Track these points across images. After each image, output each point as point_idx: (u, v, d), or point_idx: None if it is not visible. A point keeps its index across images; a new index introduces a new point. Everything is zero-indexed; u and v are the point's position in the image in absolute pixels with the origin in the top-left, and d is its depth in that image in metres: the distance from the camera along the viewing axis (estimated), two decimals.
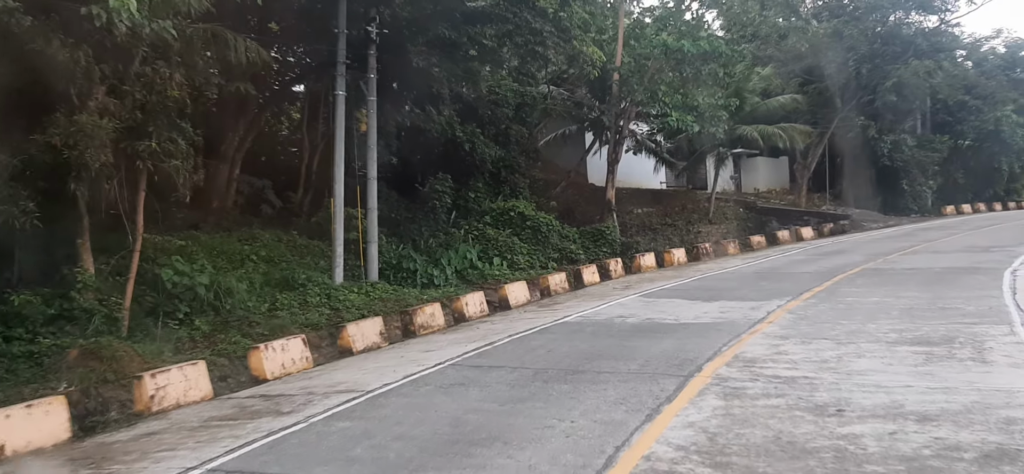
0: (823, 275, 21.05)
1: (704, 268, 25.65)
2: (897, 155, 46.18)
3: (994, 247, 25.41)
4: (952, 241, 28.55)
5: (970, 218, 42.71)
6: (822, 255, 27.00)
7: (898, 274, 20.52)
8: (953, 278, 19.01)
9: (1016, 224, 34.82)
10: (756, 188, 47.52)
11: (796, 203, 43.59)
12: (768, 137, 36.96)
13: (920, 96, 45.75)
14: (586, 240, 30.49)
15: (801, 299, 16.94)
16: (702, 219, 38.11)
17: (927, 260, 23.35)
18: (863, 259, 24.65)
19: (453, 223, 27.70)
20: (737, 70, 36.83)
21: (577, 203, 36.74)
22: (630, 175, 40.46)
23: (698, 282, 21.63)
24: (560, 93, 36.43)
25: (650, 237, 34.99)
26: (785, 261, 25.87)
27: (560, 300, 20.11)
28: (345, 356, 14.24)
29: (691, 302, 17.47)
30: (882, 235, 34.03)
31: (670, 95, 30.57)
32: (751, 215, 40.26)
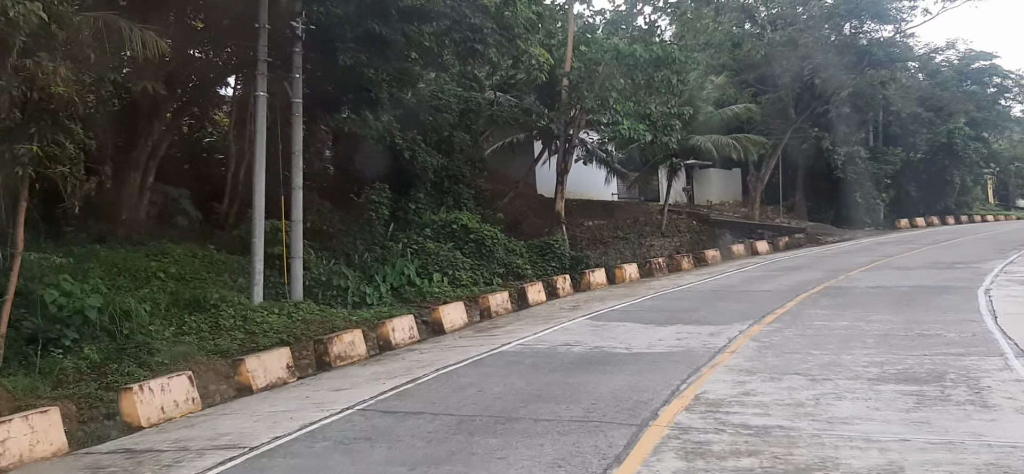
0: (784, 294, 19.56)
1: (657, 285, 24.06)
2: (850, 167, 45.40)
3: (959, 263, 24.26)
4: (913, 257, 27.41)
5: (925, 232, 41.96)
6: (780, 271, 25.61)
7: (864, 294, 19.10)
8: (924, 299, 17.63)
9: (975, 239, 33.96)
10: (709, 200, 46.36)
11: (749, 216, 42.45)
12: (722, 147, 35.71)
13: (874, 107, 45.07)
14: (534, 254, 28.88)
15: (764, 323, 15.34)
16: (655, 232, 36.72)
17: (892, 278, 22.05)
18: (824, 276, 23.28)
19: (391, 236, 25.86)
20: (691, 78, 35.58)
21: (525, 215, 35.08)
22: (581, 186, 38.94)
23: (652, 302, 19.98)
24: (507, 100, 34.77)
25: (601, 251, 33.44)
26: (742, 278, 24.40)
27: (501, 323, 18.26)
28: (243, 395, 12.19)
29: (644, 327, 15.77)
30: (839, 249, 32.89)
31: (621, 103, 29.11)
32: (704, 228, 38.99)
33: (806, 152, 45.71)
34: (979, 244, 30.67)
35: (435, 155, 28.97)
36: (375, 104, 28.11)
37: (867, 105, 43.94)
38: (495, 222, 31.66)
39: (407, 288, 23.59)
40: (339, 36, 19.93)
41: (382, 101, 28.55)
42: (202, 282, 18.84)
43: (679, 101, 32.59)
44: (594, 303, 20.41)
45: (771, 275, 24.60)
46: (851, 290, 19.88)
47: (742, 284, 22.67)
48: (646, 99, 30.12)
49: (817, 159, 45.73)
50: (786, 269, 26.07)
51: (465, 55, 21.77)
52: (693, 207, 43.96)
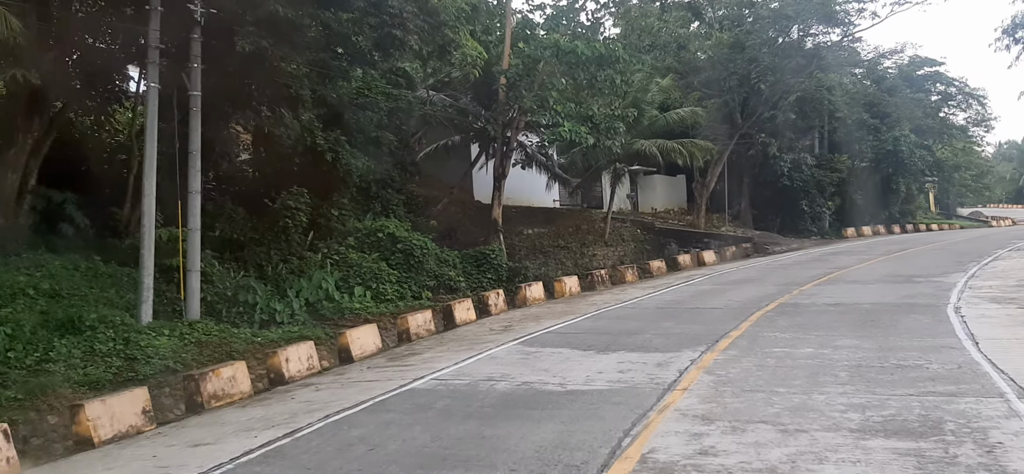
0: (737, 312, 17.72)
1: (599, 301, 22.08)
2: (797, 175, 44.26)
3: (917, 277, 22.79)
4: (868, 269, 25.94)
5: (874, 242, 40.89)
6: (730, 285, 23.87)
7: (823, 312, 17.35)
8: (890, 319, 15.91)
9: (927, 249, 32.81)
10: (654, 208, 44.73)
11: (695, 224, 40.90)
12: (667, 153, 34.01)
13: (821, 113, 43.96)
14: (468, 265, 26.77)
15: (718, 350, 13.38)
16: (597, 241, 34.84)
17: (849, 293, 20.40)
18: (776, 290, 21.57)
19: (310, 246, 23.46)
20: (635, 79, 33.87)
21: (461, 222, 32.90)
22: (520, 192, 36.95)
23: (592, 321, 17.94)
24: (442, 99, 32.55)
25: (540, 261, 31.40)
26: (690, 292, 22.56)
27: (420, 348, 16.02)
28: (82, 449, 9.74)
29: (582, 354, 13.69)
30: (789, 260, 31.39)
31: (562, 103, 27.18)
32: (649, 237, 37.28)
33: (752, 159, 44.44)
34: (933, 255, 29.43)
35: (361, 157, 26.60)
36: (296, 102, 25.81)
37: (814, 111, 42.81)
38: (428, 230, 29.52)
39: (324, 304, 21.29)
40: (238, 18, 17.51)
41: (304, 99, 26.24)
42: (81, 299, 16.25)
43: (623, 103, 30.84)
44: (529, 323, 18.29)
45: (721, 289, 22.82)
46: (808, 307, 18.12)
47: (691, 300, 20.80)
48: (588, 100, 28.30)
49: (763, 166, 44.50)
50: (736, 282, 24.35)
51: (384, 43, 19.50)
52: (638, 215, 42.28)
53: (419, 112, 30.23)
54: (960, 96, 54.82)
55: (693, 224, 41.15)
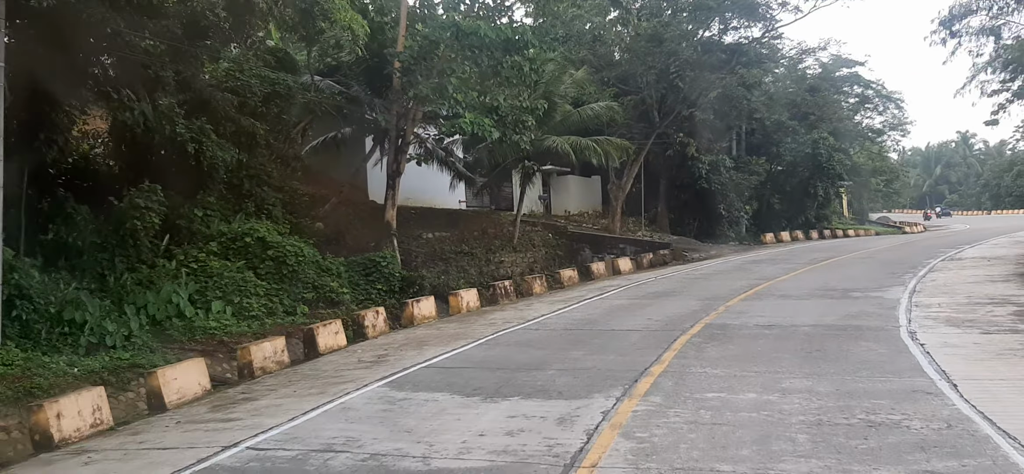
0: (658, 336, 14.90)
1: (500, 318, 19.00)
2: (715, 177, 42.25)
3: (853, 291, 20.47)
4: (796, 280, 23.59)
5: (795, 248, 39.04)
6: (648, 298, 21.14)
7: (758, 337, 14.65)
8: (839, 347, 13.28)
9: (853, 258, 30.86)
10: (567, 210, 42.05)
11: (610, 228, 38.34)
12: (581, 151, 31.22)
13: (740, 113, 42.01)
14: (356, 274, 23.49)
15: (637, 394, 10.43)
16: (505, 246, 31.80)
17: (783, 311, 17.84)
18: (700, 306, 18.91)
19: (165, 251, 19.81)
20: (547, 70, 31.00)
21: (351, 225, 29.38)
22: (422, 192, 33.69)
23: (486, 349, 14.80)
24: (330, 86, 29.02)
25: (440, 269, 28.14)
26: (605, 309, 19.68)
27: (260, 389, 12.59)
28: None
29: (464, 402, 10.53)
30: (710, 269, 28.96)
31: (463, 92, 24.02)
32: (561, 242, 34.45)
33: (670, 160, 42.23)
34: (862, 265, 27.38)
35: (230, 149, 22.92)
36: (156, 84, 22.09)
37: (733, 110, 40.81)
38: (312, 233, 26.04)
39: (173, 322, 17.78)
40: None
41: (165, 81, 22.52)
42: None
43: (533, 95, 27.92)
44: (408, 351, 15.03)
45: (638, 304, 20.03)
46: (740, 330, 15.41)
47: (604, 318, 17.89)
48: (494, 90, 25.24)
49: (681, 168, 42.35)
50: (655, 296, 21.63)
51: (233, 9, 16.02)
52: (550, 218, 39.51)
53: (302, 99, 26.68)
54: (877, 99, 54.09)
55: (608, 228, 38.62)
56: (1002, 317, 15.47)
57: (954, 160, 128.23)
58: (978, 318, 15.52)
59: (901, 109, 56.12)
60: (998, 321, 15.06)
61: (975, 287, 19.89)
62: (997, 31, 28.21)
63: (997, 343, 13.11)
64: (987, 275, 22.21)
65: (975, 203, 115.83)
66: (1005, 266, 24.29)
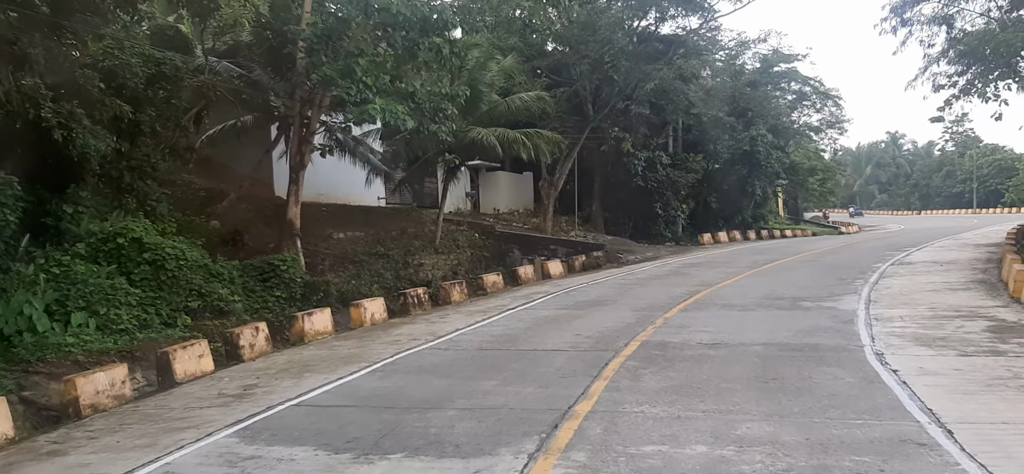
0: (587, 359, 12.59)
1: (407, 334, 16.45)
2: (651, 175, 40.36)
3: (803, 300, 18.48)
4: (738, 287, 21.57)
5: (734, 250, 37.28)
6: (579, 308, 18.84)
7: (702, 359, 12.43)
8: (798, 375, 11.12)
9: (795, 261, 29.08)
10: (496, 209, 39.66)
11: (542, 228, 36.08)
12: (509, 144, 28.81)
13: (678, 108, 40.15)
14: (251, 279, 20.87)
15: (555, 449, 8.05)
16: (426, 247, 29.28)
17: (728, 325, 15.71)
18: (636, 318, 16.69)
19: (24, 254, 16.90)
20: (471, 55, 28.57)
21: (252, 223, 26.58)
22: (336, 187, 30.95)
23: (378, 378, 12.24)
24: (229, 68, 26.10)
25: (351, 273, 25.53)
26: (529, 321, 17.28)
27: (78, 437, 9.82)
28: None
29: (330, 463, 7.99)
30: (646, 273, 26.85)
31: (373, 74, 21.44)
32: (489, 242, 32.06)
33: (605, 156, 40.18)
34: (807, 270, 25.55)
35: (107, 137, 19.86)
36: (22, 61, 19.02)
37: (670, 104, 38.91)
38: (205, 233, 23.25)
39: (24, 337, 14.93)
40: None
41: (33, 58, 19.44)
42: None
43: (458, 81, 25.51)
44: (285, 379, 12.39)
45: (567, 316, 17.70)
46: (682, 350, 13.18)
47: (527, 335, 15.48)
48: (411, 75, 22.76)
49: (616, 165, 40.34)
50: (586, 305, 19.33)
51: None
52: (478, 216, 37.07)
53: (193, 82, 23.73)
54: (815, 96, 53.01)
55: (539, 228, 36.35)
56: (976, 335, 13.54)
57: (884, 160, 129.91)
58: (950, 335, 13.56)
59: (839, 107, 55.25)
60: (973, 340, 13.11)
61: (936, 296, 18.07)
62: (949, 20, 26.77)
63: (982, 370, 11.09)
64: (945, 282, 20.49)
65: (904, 203, 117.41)
66: (961, 272, 22.67)
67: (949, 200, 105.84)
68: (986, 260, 25.24)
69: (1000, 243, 29.68)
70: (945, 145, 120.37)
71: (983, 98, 28.03)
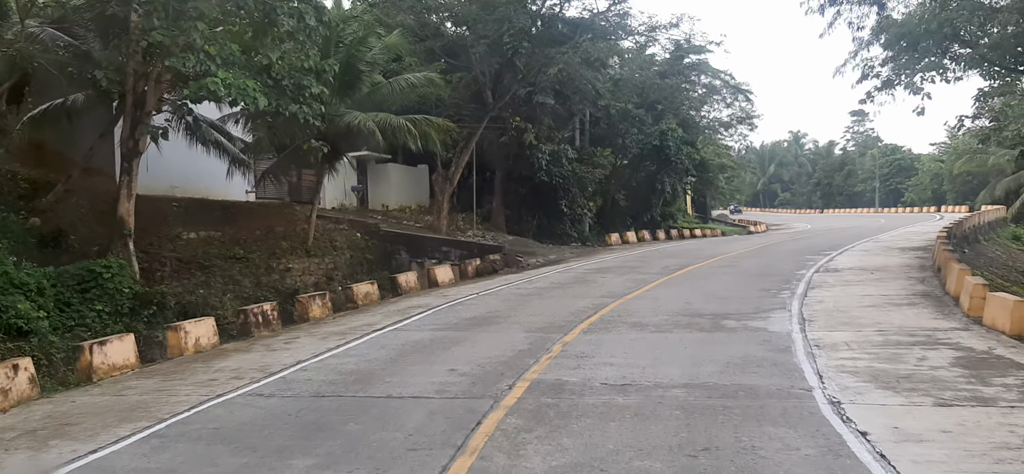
0: (453, 415, 9.28)
1: (230, 369, 12.74)
2: (556, 169, 37.32)
3: (726, 318, 15.58)
4: (652, 301, 18.54)
5: (643, 252, 34.53)
6: (461, 329, 15.46)
7: (608, 413, 9.24)
8: (736, 438, 8.05)
9: (711, 266, 26.41)
10: (386, 205, 35.96)
11: (436, 227, 32.59)
12: (393, 132, 25.15)
13: (585, 98, 37.26)
14: (68, 290, 17.04)
15: None
16: (297, 249, 25.45)
17: (640, 353, 12.62)
18: (528, 343, 13.48)
19: None
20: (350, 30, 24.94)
21: (84, 220, 22.28)
22: (196, 179, 26.73)
23: (148, 451, 8.52)
24: (55, 37, 21.68)
25: (199, 280, 21.50)
26: (395, 349, 13.79)
27: None
28: None
29: None
30: (547, 280, 23.69)
31: (218, 43, 17.72)
32: (372, 243, 28.35)
33: (506, 149, 36.96)
34: (725, 277, 22.84)
35: None
36: None
37: (576, 93, 35.99)
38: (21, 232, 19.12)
39: None
40: None
41: None
42: None
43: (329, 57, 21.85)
44: (19, 451, 8.60)
45: (444, 340, 14.29)
46: (582, 397, 9.96)
47: (384, 373, 11.97)
48: (268, 46, 19.03)
49: (519, 158, 37.18)
50: (470, 324, 15.97)
51: None
52: (365, 213, 33.29)
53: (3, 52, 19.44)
54: (726, 90, 51.13)
55: (433, 227, 32.84)
56: (946, 371, 10.77)
57: (786, 159, 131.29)
58: (914, 372, 10.74)
59: (750, 101, 53.55)
60: (946, 380, 10.30)
61: (879, 315, 15.41)
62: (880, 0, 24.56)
63: (976, 432, 8.24)
64: (883, 295, 17.94)
65: (806, 202, 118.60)
66: (897, 282, 20.28)
67: (850, 199, 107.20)
68: (919, 268, 23.08)
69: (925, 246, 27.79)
70: (846, 145, 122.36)
71: (912, 90, 26.09)
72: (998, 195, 62.11)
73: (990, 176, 66.57)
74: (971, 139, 66.28)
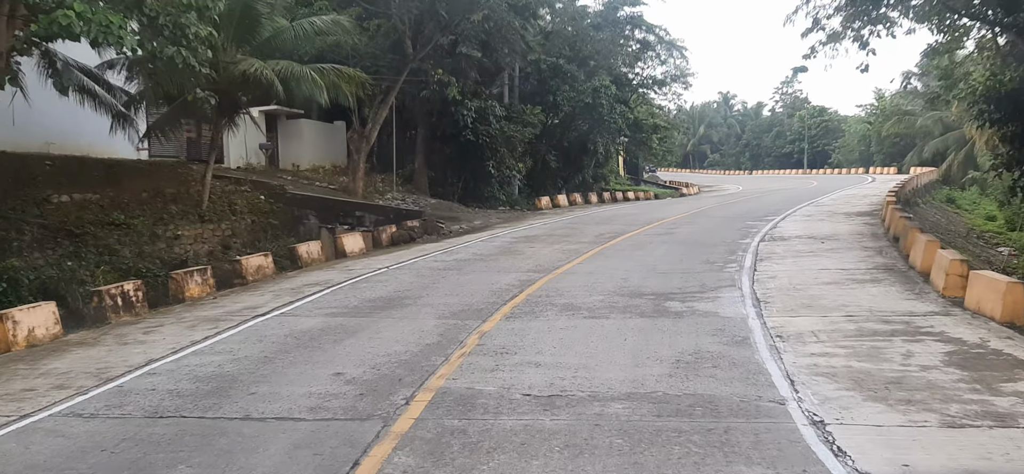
0: (328, 445, 7.01)
1: (61, 374, 10.11)
2: (483, 128, 34.91)
3: (668, 297, 13.55)
4: (586, 276, 16.37)
5: (575, 216, 32.41)
6: (360, 315, 13.06)
7: (528, 447, 7.03)
8: None
9: (647, 233, 24.44)
10: (297, 164, 33.06)
11: (351, 189, 29.93)
12: (295, 82, 22.29)
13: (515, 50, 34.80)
14: None
15: None
16: (190, 213, 22.60)
17: (571, 346, 10.50)
18: (438, 334, 11.23)
19: None
20: None
21: None
22: (76, 135, 23.68)
23: None
24: None
25: (67, 251, 18.56)
26: (270, 346, 11.29)
27: None
28: None
29: None
30: (470, 250, 21.37)
31: None
32: (278, 207, 25.59)
33: (430, 105, 34.36)
34: (663, 246, 20.87)
35: None
36: None
37: (505, 45, 33.51)
38: None
39: None
40: None
41: None
42: None
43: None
44: None
45: (336, 330, 11.88)
46: (497, 418, 7.75)
47: (250, 377, 9.52)
48: None
49: (443, 115, 34.64)
50: (372, 308, 13.59)
51: None
52: (273, 174, 30.38)
53: None
54: (660, 46, 49.17)
55: (348, 189, 30.15)
56: (942, 374, 8.85)
57: (715, 120, 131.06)
58: (904, 374, 8.81)
59: (685, 59, 51.77)
60: (946, 387, 8.37)
61: (842, 293, 13.53)
62: None
63: (1006, 464, 6.29)
64: (841, 269, 16.12)
65: (735, 163, 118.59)
66: (851, 251, 18.56)
67: (779, 160, 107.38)
68: (872, 236, 21.49)
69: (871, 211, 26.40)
70: (775, 106, 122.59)
71: (860, 43, 24.49)
72: (926, 157, 62.12)
73: (917, 138, 66.62)
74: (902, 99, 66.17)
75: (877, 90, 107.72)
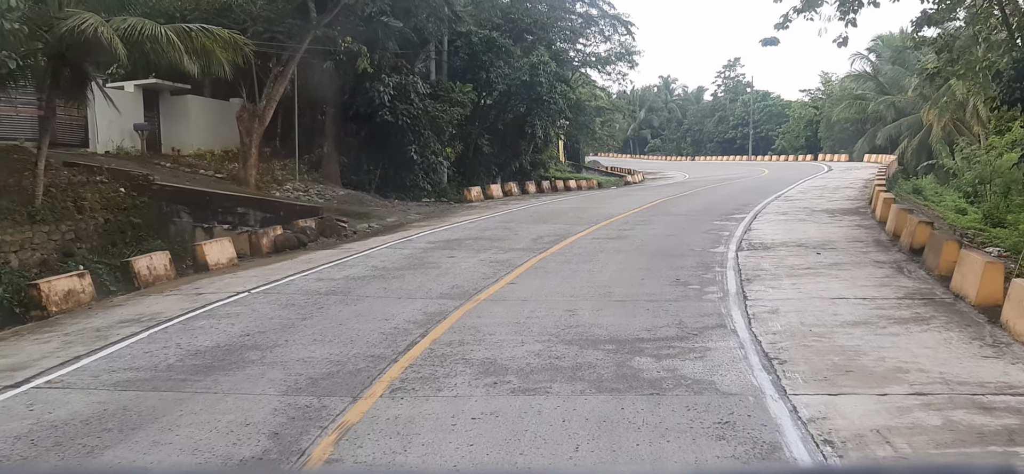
0: None
1: None
2: (404, 107, 30.23)
3: (637, 343, 9.22)
4: (517, 307, 11.89)
5: (510, 212, 27.83)
6: (168, 389, 8.44)
7: None
8: None
9: (596, 233, 20.04)
10: (178, 149, 27.91)
11: (242, 178, 25.05)
12: (144, 42, 17.37)
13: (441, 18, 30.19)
14: None
15: None
16: (18, 211, 17.64)
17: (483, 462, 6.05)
18: (270, 431, 6.70)
19: None
20: None
21: None
22: None
23: None
24: None
25: None
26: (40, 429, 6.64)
27: None
28: None
29: None
30: (369, 264, 16.69)
31: None
32: (143, 202, 20.71)
33: (342, 81, 29.57)
34: (615, 257, 16.53)
35: None
36: None
37: (429, 11, 28.88)
38: None
39: None
40: None
41: None
42: None
43: None
44: None
45: (105, 429, 7.26)
46: None
47: None
48: None
49: (356, 91, 29.88)
50: (190, 373, 8.95)
51: None
52: (149, 161, 25.26)
53: None
54: (604, 21, 44.95)
55: (239, 179, 25.28)
56: None
57: (656, 105, 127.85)
58: None
59: (631, 36, 47.67)
60: None
61: (886, 345, 9.26)
62: None
63: None
64: (862, 298, 11.88)
65: (676, 149, 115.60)
66: (860, 268, 14.36)
67: (721, 146, 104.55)
68: (874, 242, 17.53)
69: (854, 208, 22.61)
70: (717, 91, 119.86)
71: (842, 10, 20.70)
72: (879, 143, 59.40)
73: (868, 123, 63.86)
74: (853, 82, 63.37)
75: (823, 73, 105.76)
